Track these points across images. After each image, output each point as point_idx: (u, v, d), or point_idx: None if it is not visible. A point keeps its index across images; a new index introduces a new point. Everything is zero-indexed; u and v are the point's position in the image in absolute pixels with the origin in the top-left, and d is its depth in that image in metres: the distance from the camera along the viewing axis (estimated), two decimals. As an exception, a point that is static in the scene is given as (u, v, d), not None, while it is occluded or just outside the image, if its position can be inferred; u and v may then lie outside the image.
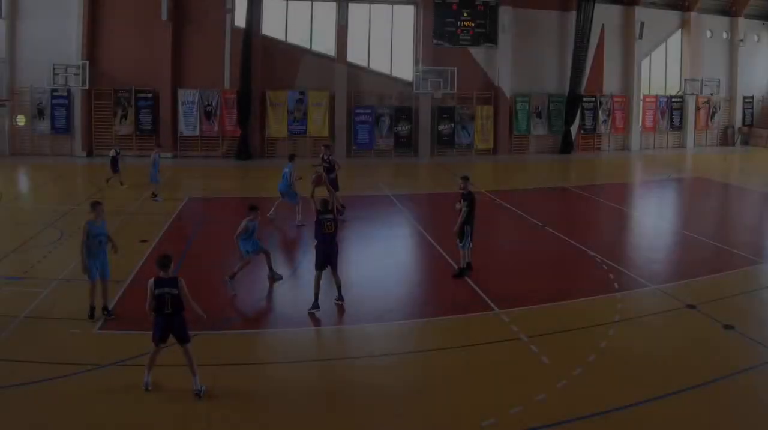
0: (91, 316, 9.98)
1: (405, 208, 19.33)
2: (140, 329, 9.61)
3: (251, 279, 12.48)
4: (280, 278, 12.24)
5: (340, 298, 10.97)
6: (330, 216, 10.88)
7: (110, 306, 10.34)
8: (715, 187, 24.31)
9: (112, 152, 21.40)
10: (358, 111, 29.81)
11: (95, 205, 10.33)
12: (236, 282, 11.62)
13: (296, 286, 12.20)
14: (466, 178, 12.42)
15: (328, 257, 10.79)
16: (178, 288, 7.86)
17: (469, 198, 12.22)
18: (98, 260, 10.15)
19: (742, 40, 35.16)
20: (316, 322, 10.52)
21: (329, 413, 7.74)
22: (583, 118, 32.14)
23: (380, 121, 29.93)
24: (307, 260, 13.27)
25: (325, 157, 17.53)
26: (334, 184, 16.74)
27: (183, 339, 7.96)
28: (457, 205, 12.32)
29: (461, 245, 12.42)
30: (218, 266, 12.82)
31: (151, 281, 7.91)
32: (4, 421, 7.40)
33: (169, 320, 7.89)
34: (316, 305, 10.64)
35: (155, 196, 19.69)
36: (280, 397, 8.05)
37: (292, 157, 17.28)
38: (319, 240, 10.80)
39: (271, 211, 16.99)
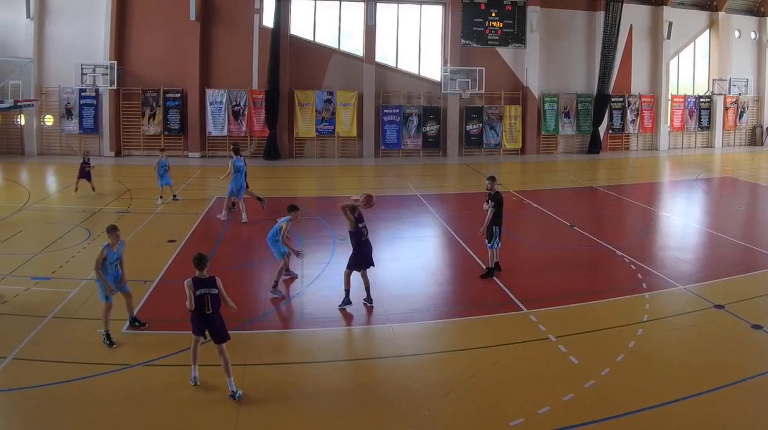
0: (110, 343, 9.20)
1: (433, 208, 19.07)
2: (168, 330, 9.79)
3: (283, 276, 12.35)
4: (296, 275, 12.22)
5: (369, 300, 10.91)
6: (363, 224, 10.90)
7: (135, 313, 10.03)
8: (743, 187, 23.87)
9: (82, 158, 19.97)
10: (386, 111, 29.46)
11: (113, 230, 9.64)
12: (279, 286, 11.57)
13: (323, 287, 12.03)
14: (492, 179, 12.36)
15: (364, 261, 10.89)
16: (217, 287, 7.85)
17: (496, 198, 12.15)
18: (111, 277, 9.51)
19: (770, 40, 34.86)
20: (344, 322, 10.40)
21: (357, 412, 7.63)
22: (611, 118, 31.73)
23: (408, 121, 29.56)
24: (334, 260, 13.37)
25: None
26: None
27: (221, 338, 7.89)
28: (485, 206, 12.24)
29: (489, 244, 12.30)
30: (247, 265, 12.77)
31: (189, 280, 7.82)
32: (33, 421, 7.35)
33: (209, 319, 7.86)
34: (347, 301, 10.68)
35: (175, 196, 19.44)
36: (308, 397, 7.96)
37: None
38: (356, 245, 10.84)
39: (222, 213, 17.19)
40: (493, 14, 30.04)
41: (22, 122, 28.20)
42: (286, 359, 9.07)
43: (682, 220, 18.23)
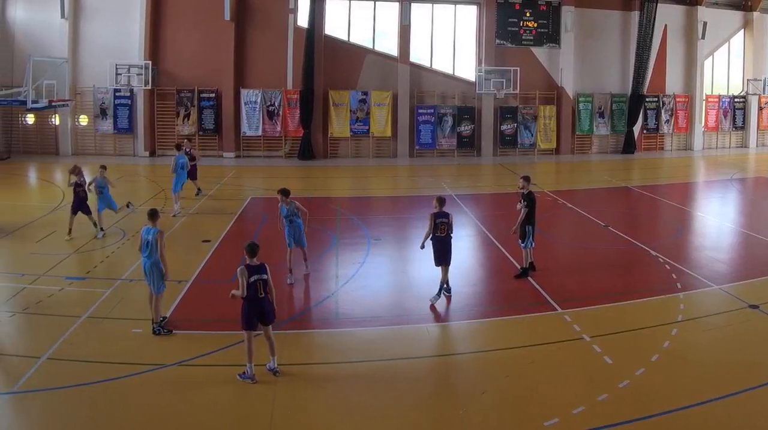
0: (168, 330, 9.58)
1: (467, 208, 18.79)
2: (202, 329, 9.78)
3: (316, 278, 12.49)
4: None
5: (448, 289, 11.25)
6: (445, 219, 11.15)
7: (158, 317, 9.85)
8: (778, 187, 23.49)
9: (74, 179, 15.05)
10: (420, 111, 29.01)
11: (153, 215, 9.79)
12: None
13: (358, 287, 11.94)
14: (526, 178, 12.24)
15: (443, 258, 11.10)
16: (267, 274, 8.22)
17: (528, 198, 12.04)
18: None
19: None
20: (379, 322, 10.29)
21: (391, 413, 7.57)
22: (645, 118, 31.21)
23: (443, 121, 29.10)
24: (369, 260, 13.40)
25: (188, 150, 19.12)
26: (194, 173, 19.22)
27: (269, 320, 8.27)
28: (519, 205, 12.14)
29: (523, 244, 12.21)
30: (280, 265, 12.44)
31: (242, 268, 8.14)
32: (68, 420, 7.31)
33: (261, 303, 8.16)
34: (444, 292, 11.11)
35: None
36: (341, 397, 7.90)
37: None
38: (433, 241, 11.17)
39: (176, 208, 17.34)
40: (528, 14, 29.59)
41: (57, 122, 27.86)
42: (320, 359, 9.01)
43: (716, 220, 17.88)
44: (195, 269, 12.49)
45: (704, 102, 32.41)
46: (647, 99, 30.83)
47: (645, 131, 31.54)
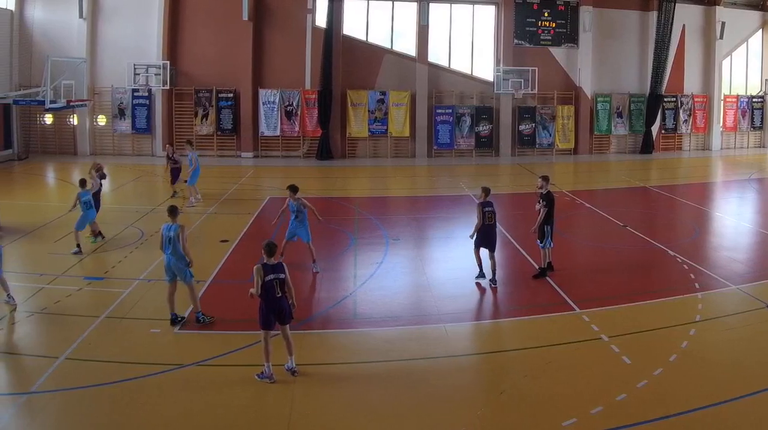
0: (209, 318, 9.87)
1: None
2: (221, 330, 9.68)
3: (334, 278, 12.46)
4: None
5: (494, 281, 11.62)
6: (491, 208, 11.67)
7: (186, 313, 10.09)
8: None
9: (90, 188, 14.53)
10: (438, 111, 28.77)
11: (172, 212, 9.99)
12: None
13: (376, 287, 11.88)
14: (545, 178, 12.22)
15: (487, 242, 11.67)
16: (285, 273, 8.15)
17: (547, 198, 12.00)
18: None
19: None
20: (397, 322, 10.23)
21: (410, 413, 7.54)
22: (663, 118, 30.92)
23: (461, 121, 28.85)
24: (387, 260, 13.37)
25: (170, 155, 19.45)
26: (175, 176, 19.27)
27: (287, 320, 8.23)
28: (537, 206, 12.14)
29: (542, 244, 12.18)
30: (298, 265, 12.51)
31: (259, 266, 8.08)
32: (86, 420, 7.27)
33: (278, 302, 8.09)
34: (481, 275, 11.81)
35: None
36: (360, 397, 7.86)
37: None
38: (481, 227, 11.64)
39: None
40: (546, 14, 29.35)
41: (75, 122, 27.68)
42: (339, 359, 8.93)
43: (734, 220, 17.71)
44: (213, 269, 12.47)
45: (722, 102, 32.11)
46: (665, 99, 30.54)
47: (663, 131, 31.24)
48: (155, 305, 10.49)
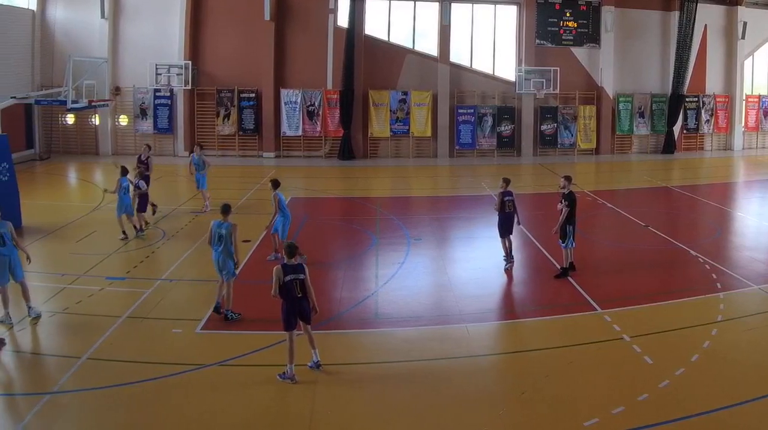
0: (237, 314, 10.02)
1: None
2: (243, 329, 9.63)
3: (357, 277, 12.45)
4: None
5: (511, 258, 12.59)
6: (510, 197, 12.46)
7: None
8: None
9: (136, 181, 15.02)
10: (460, 111, 28.53)
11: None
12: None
13: (398, 287, 11.80)
14: (567, 178, 12.18)
15: (509, 228, 12.50)
16: (305, 274, 8.19)
17: (569, 198, 11.98)
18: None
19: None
20: (419, 322, 10.18)
21: (432, 412, 7.50)
22: (685, 118, 30.63)
23: (483, 121, 28.61)
24: (409, 260, 13.36)
25: (143, 158, 17.41)
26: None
27: (309, 319, 8.32)
28: (559, 205, 12.10)
29: (564, 244, 12.13)
30: (320, 265, 12.55)
31: (278, 267, 8.17)
32: (108, 420, 7.23)
33: (299, 302, 8.15)
34: (509, 260, 12.55)
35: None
36: (382, 397, 7.81)
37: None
38: (500, 215, 12.47)
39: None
40: (568, 14, 29.08)
41: (97, 122, 27.47)
42: (360, 359, 8.91)
43: (756, 220, 17.56)
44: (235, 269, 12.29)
45: (744, 102, 31.72)
46: (687, 99, 30.21)
47: (685, 131, 30.90)
48: (177, 305, 10.56)
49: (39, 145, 27.11)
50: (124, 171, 14.73)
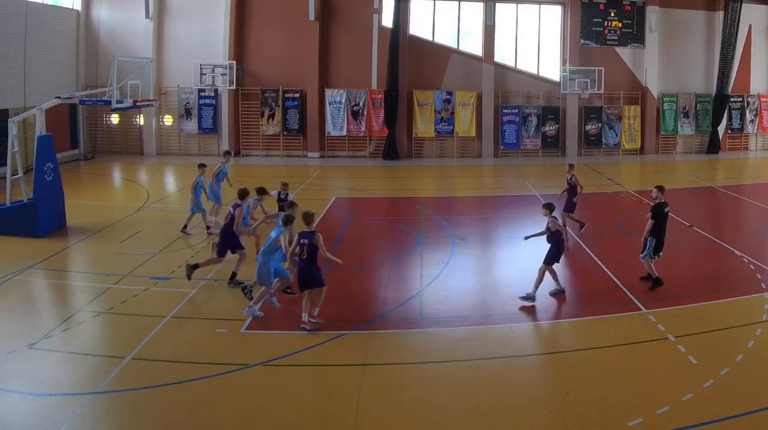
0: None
1: None
2: (286, 329, 9.53)
3: (401, 277, 12.36)
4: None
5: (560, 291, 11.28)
6: (557, 218, 11.63)
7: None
8: None
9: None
10: (505, 111, 27.90)
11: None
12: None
13: (442, 287, 11.68)
14: (660, 188, 11.64)
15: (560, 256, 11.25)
16: (313, 240, 9.17)
17: (653, 210, 11.46)
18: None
19: None
20: (463, 322, 10.08)
21: (476, 412, 7.43)
22: (730, 118, 29.87)
23: (527, 121, 27.99)
24: (453, 260, 13.19)
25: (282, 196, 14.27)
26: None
27: (308, 286, 9.35)
28: (647, 216, 11.69)
29: (642, 255, 11.52)
30: (365, 266, 12.53)
31: (299, 233, 9.30)
32: (153, 420, 7.20)
33: (302, 265, 9.19)
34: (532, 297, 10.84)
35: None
36: (426, 397, 7.73)
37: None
38: (558, 240, 11.10)
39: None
40: (612, 14, 28.42)
41: (141, 122, 27.00)
42: (405, 359, 8.86)
43: None
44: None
45: (788, 102, 31.54)
46: (732, 99, 29.42)
47: (729, 131, 30.10)
48: (222, 305, 10.45)
49: (84, 146, 26.75)
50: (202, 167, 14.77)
